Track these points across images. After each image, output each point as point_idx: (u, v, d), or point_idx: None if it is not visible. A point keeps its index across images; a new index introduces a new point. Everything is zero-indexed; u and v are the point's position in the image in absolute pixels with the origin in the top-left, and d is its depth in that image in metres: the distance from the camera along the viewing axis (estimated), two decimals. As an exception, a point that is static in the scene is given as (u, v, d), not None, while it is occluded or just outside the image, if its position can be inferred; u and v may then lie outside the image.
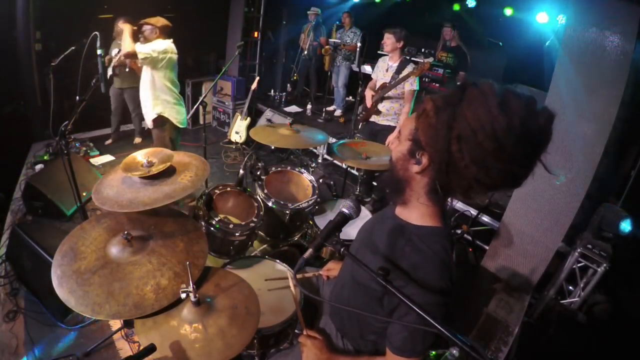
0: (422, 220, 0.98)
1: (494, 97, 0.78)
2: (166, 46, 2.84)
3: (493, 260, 3.10)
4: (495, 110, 0.77)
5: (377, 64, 3.41)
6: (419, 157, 0.90)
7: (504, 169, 0.80)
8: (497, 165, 0.79)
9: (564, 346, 2.56)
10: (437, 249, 0.94)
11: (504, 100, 0.78)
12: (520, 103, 0.77)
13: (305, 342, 1.21)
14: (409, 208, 1.01)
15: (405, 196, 0.99)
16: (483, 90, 0.80)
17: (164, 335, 1.18)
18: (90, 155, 4.05)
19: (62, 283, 1.22)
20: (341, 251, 0.93)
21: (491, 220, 3.35)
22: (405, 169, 0.95)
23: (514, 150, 0.78)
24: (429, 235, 0.96)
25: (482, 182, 0.83)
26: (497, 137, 0.77)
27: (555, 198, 2.64)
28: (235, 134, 4.77)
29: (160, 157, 1.61)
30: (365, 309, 1.07)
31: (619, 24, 2.19)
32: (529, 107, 0.78)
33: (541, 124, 0.79)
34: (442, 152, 0.83)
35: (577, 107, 2.44)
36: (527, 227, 2.84)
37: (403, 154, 0.95)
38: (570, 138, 2.48)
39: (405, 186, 0.97)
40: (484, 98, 0.79)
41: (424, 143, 0.87)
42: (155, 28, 2.86)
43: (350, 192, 3.79)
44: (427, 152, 0.88)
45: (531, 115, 0.78)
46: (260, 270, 1.83)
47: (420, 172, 0.91)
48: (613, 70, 2.26)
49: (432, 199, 0.95)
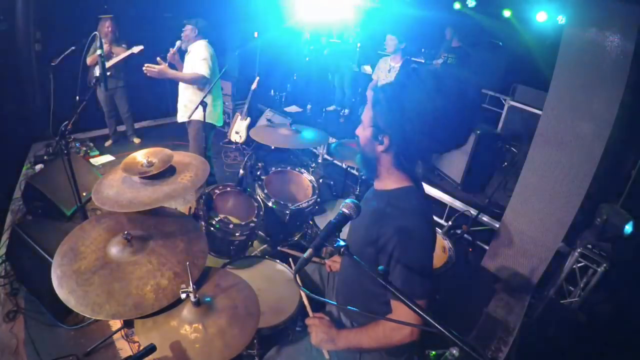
0: (396, 185, 1.18)
1: (430, 81, 1.00)
2: (212, 51, 2.95)
3: (493, 260, 3.09)
4: (432, 93, 0.99)
5: (377, 64, 3.40)
6: (381, 139, 1.11)
7: (447, 135, 1.05)
8: (442, 132, 1.02)
9: (564, 346, 2.55)
10: (413, 203, 1.14)
11: (439, 82, 1.00)
12: (452, 82, 1.01)
13: (313, 322, 1.26)
14: (383, 180, 1.21)
15: (378, 171, 1.19)
16: (422, 77, 1.02)
17: (164, 335, 1.18)
18: (90, 155, 4.05)
19: (62, 283, 1.23)
20: (341, 251, 0.94)
21: (491, 220, 3.35)
22: (372, 150, 1.15)
23: (452, 118, 1.00)
24: (403, 194, 1.16)
25: (434, 147, 1.13)
26: (437, 115, 0.99)
27: (555, 198, 2.64)
28: (235, 134, 4.77)
29: (160, 157, 1.61)
30: (364, 277, 1.22)
31: (619, 24, 2.19)
32: (459, 84, 1.02)
33: (472, 96, 1.08)
34: (399, 133, 1.06)
35: (577, 107, 2.44)
36: (527, 227, 2.84)
37: (368, 138, 1.15)
38: (570, 138, 2.48)
39: (376, 163, 1.18)
40: (422, 83, 1.01)
41: (383, 127, 1.09)
42: (195, 28, 2.95)
43: (350, 192, 3.79)
44: (387, 134, 1.09)
45: (461, 92, 1.01)
46: (260, 270, 1.83)
47: (384, 150, 1.12)
48: (613, 70, 2.26)
49: (400, 167, 1.16)
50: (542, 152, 2.60)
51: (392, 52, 3.22)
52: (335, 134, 4.80)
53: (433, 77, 1.01)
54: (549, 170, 2.61)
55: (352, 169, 3.87)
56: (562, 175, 2.57)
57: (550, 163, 2.59)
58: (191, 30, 2.98)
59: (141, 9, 4.43)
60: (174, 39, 3.00)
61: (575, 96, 2.43)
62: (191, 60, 2.96)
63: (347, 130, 4.91)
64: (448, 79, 1.01)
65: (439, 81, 1.00)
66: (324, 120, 5.55)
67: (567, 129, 2.49)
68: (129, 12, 4.01)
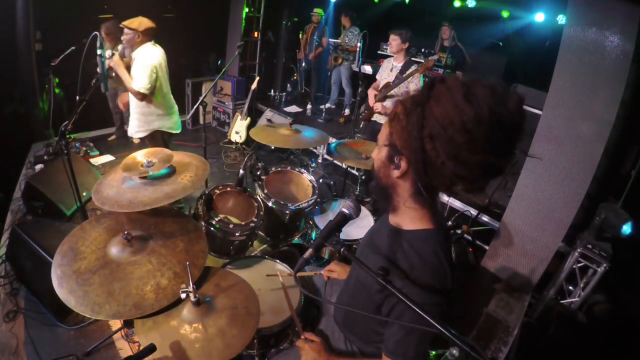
0: (413, 224, 0.99)
1: (459, 90, 0.78)
2: (155, 61, 2.62)
3: (493, 260, 3.09)
4: (461, 103, 0.77)
5: (382, 65, 3.42)
6: (397, 162, 0.91)
7: (480, 160, 0.80)
8: (472, 157, 0.79)
9: (564, 346, 2.55)
10: (427, 252, 0.94)
11: (469, 91, 0.78)
12: (486, 91, 0.78)
13: (302, 347, 1.20)
14: (399, 214, 1.01)
15: (393, 202, 1.00)
16: (448, 86, 0.81)
17: (164, 335, 1.18)
18: (90, 155, 4.05)
19: (62, 283, 1.23)
20: (341, 251, 0.93)
21: (491, 220, 3.35)
22: (387, 176, 0.96)
23: (487, 139, 0.77)
24: (419, 239, 0.97)
25: (462, 176, 0.83)
26: (466, 129, 0.77)
27: (555, 198, 2.64)
28: (235, 134, 4.77)
29: (160, 157, 1.61)
30: (365, 311, 1.07)
31: (619, 24, 2.19)
32: (495, 93, 0.78)
33: (511, 108, 0.78)
34: (418, 153, 0.83)
35: (577, 107, 2.44)
36: (527, 227, 2.84)
37: (382, 161, 0.96)
38: (570, 138, 2.48)
39: (391, 192, 0.98)
40: (449, 93, 0.79)
41: (400, 146, 0.88)
42: (137, 33, 2.60)
43: (350, 192, 3.79)
44: (404, 155, 0.88)
45: (499, 102, 0.77)
46: (260, 270, 1.83)
47: (401, 176, 0.92)
48: (613, 70, 2.26)
49: (418, 202, 0.96)
50: (542, 152, 2.60)
51: (395, 52, 3.22)
52: (335, 134, 4.80)
53: (463, 85, 0.80)
54: (549, 170, 2.61)
55: (352, 169, 3.88)
56: (562, 175, 2.57)
57: (550, 163, 2.59)
58: (134, 34, 2.61)
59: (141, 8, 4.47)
60: (174, 38, 2.98)
61: (575, 96, 2.43)
62: (133, 70, 2.66)
63: (347, 130, 4.91)
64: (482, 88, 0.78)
65: (469, 90, 0.79)
66: (324, 120, 5.55)
67: (567, 129, 2.49)
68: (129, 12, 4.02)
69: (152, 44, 2.72)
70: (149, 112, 2.78)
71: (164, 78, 2.79)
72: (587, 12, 2.31)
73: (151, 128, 2.84)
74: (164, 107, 2.83)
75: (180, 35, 5.10)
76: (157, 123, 2.84)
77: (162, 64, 2.75)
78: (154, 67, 2.62)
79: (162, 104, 2.82)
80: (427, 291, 0.91)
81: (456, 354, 0.78)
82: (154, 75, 2.63)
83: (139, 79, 2.59)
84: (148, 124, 2.83)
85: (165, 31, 3.95)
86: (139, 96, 2.65)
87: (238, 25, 5.60)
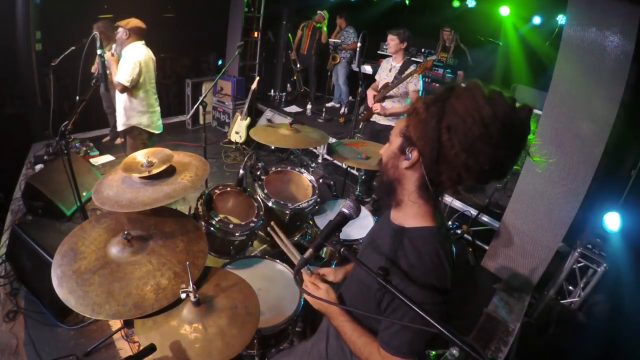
0: (415, 221, 0.99)
1: (479, 91, 0.85)
2: (141, 57, 2.74)
3: (493, 260, 3.10)
4: (481, 101, 0.84)
5: (381, 65, 3.42)
6: (408, 153, 0.93)
7: (491, 154, 0.85)
8: (485, 149, 0.84)
9: (564, 346, 2.56)
10: (428, 250, 0.95)
11: (490, 95, 0.85)
12: (503, 98, 0.85)
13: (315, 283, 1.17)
14: (401, 210, 1.02)
15: (397, 196, 1.00)
16: (470, 87, 0.87)
17: (164, 335, 1.18)
18: (90, 155, 4.05)
19: (62, 283, 1.23)
20: (341, 251, 0.93)
21: (491, 220, 3.35)
22: (396, 167, 0.98)
23: (500, 135, 0.84)
24: (421, 237, 0.97)
25: (472, 168, 0.87)
26: (484, 122, 0.83)
27: (555, 198, 2.64)
28: (235, 134, 4.77)
29: (160, 157, 1.61)
30: (364, 309, 1.07)
31: (619, 23, 2.19)
32: (511, 102, 0.86)
33: (522, 117, 0.86)
34: (433, 142, 0.87)
35: (577, 107, 2.44)
36: (527, 227, 2.84)
37: (394, 152, 0.98)
38: (570, 138, 2.48)
39: (397, 185, 0.99)
40: (471, 92, 0.86)
41: (415, 138, 0.91)
42: (126, 30, 2.75)
43: (350, 192, 3.79)
44: (417, 146, 0.91)
45: (513, 108, 0.85)
46: (260, 270, 1.83)
47: (411, 167, 0.94)
48: (613, 70, 2.26)
49: (423, 196, 0.97)
50: (542, 152, 2.60)
51: (393, 52, 3.22)
52: (335, 134, 4.80)
53: (483, 88, 0.85)
54: (548, 170, 2.61)
55: (352, 169, 3.87)
56: (562, 175, 2.57)
57: (550, 163, 2.59)
58: (123, 32, 2.77)
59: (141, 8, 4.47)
60: (174, 39, 2.99)
61: (575, 96, 2.43)
62: (119, 65, 2.79)
63: (347, 130, 4.91)
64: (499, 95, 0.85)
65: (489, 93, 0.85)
66: (324, 120, 5.55)
67: (567, 129, 2.49)
68: (129, 13, 4.02)
69: (142, 44, 2.84)
70: (130, 107, 2.88)
71: (149, 76, 2.89)
72: (587, 12, 2.31)
73: (129, 123, 2.93)
74: (144, 104, 2.92)
75: (180, 35, 5.10)
76: (135, 119, 2.93)
77: (149, 63, 2.86)
78: (138, 62, 2.73)
79: (143, 101, 2.91)
80: (426, 290, 0.91)
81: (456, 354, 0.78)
82: (136, 70, 2.73)
83: (121, 72, 2.72)
84: (127, 119, 2.92)
85: (165, 31, 3.96)
86: (120, 87, 2.75)
87: (238, 25, 5.60)
